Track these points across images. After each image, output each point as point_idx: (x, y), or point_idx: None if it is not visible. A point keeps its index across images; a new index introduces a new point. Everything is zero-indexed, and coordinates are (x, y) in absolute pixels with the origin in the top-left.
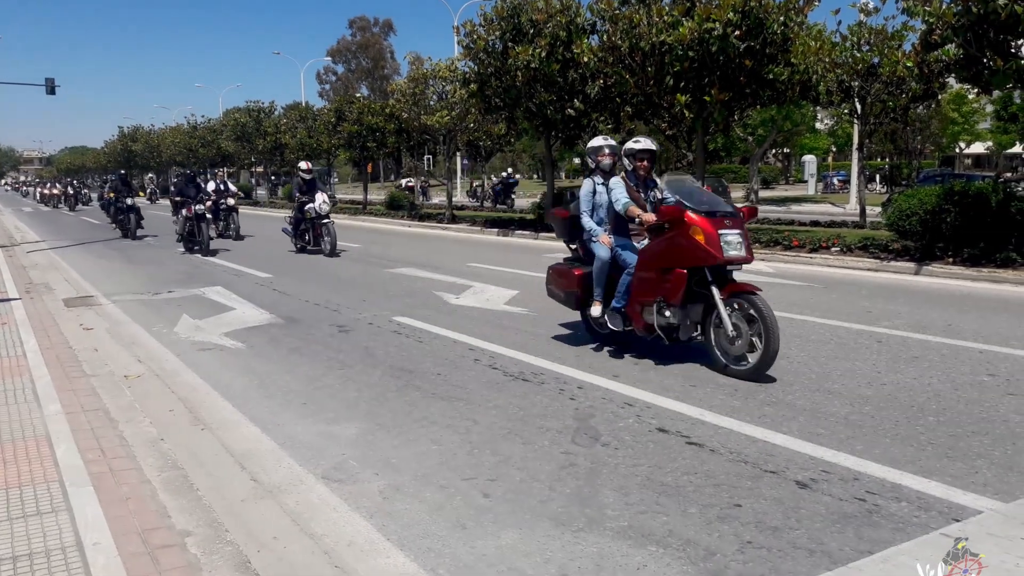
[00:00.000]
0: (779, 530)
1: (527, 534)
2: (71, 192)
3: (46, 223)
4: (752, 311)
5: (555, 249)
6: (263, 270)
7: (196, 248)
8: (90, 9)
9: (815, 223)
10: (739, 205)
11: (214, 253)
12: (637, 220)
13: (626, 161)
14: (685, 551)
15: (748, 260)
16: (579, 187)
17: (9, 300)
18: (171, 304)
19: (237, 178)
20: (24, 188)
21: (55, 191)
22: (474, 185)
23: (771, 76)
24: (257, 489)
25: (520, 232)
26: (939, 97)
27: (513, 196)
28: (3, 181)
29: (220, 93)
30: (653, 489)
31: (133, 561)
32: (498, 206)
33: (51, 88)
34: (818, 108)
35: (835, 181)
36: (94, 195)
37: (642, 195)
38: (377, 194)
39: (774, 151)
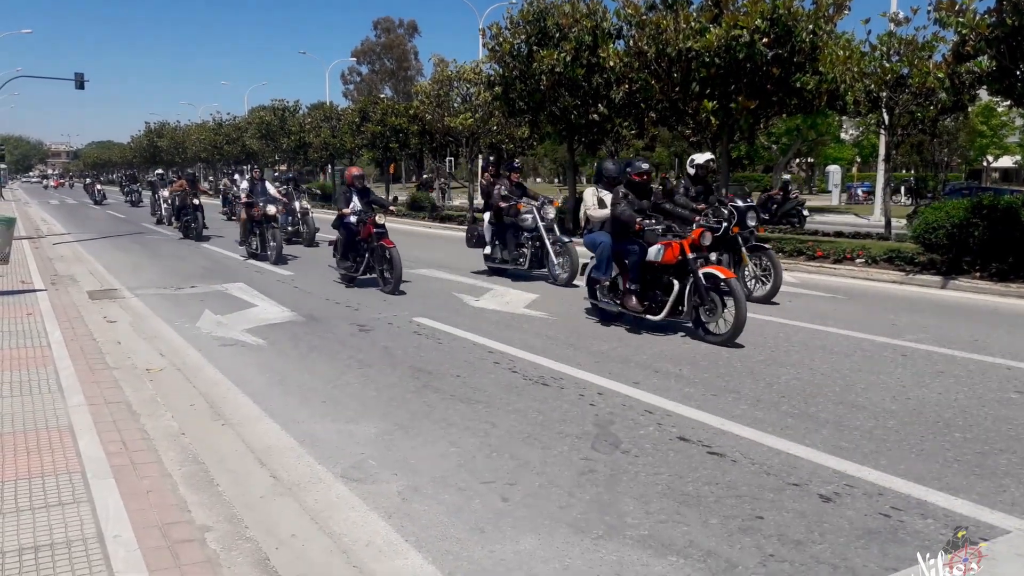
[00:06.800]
0: (802, 544)
1: (546, 540)
2: (302, 208)
3: (71, 216)
4: None
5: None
6: (284, 267)
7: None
8: (118, 5)
9: (839, 234)
10: None
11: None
12: None
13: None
14: (706, 562)
15: None
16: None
17: (35, 291)
18: (194, 299)
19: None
20: (97, 187)
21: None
22: None
23: (799, 85)
24: (276, 486)
25: None
26: (968, 109)
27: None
28: (31, 173)
29: (246, 91)
30: (674, 498)
31: (153, 555)
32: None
33: (80, 83)
34: (844, 118)
35: (859, 192)
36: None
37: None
38: (399, 194)
39: (798, 160)
